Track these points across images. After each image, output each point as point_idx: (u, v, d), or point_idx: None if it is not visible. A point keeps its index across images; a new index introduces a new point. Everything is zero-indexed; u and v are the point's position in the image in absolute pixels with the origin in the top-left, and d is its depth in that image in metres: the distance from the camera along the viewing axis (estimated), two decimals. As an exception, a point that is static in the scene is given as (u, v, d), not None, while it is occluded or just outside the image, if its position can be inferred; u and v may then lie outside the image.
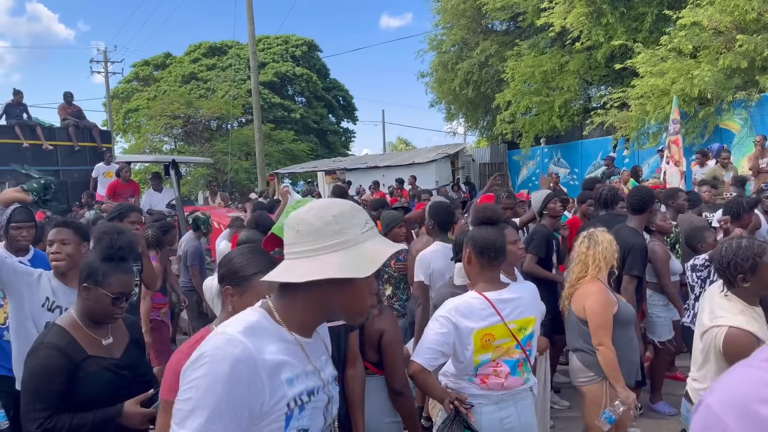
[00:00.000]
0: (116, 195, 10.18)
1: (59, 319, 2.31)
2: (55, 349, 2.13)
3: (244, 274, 1.84)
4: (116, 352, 2.31)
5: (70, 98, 13.59)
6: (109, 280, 2.20)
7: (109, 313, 2.24)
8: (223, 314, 1.89)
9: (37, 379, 2.10)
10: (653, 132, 12.95)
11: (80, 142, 12.94)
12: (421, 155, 20.63)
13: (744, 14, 10.63)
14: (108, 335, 2.30)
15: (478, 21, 18.92)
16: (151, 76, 37.37)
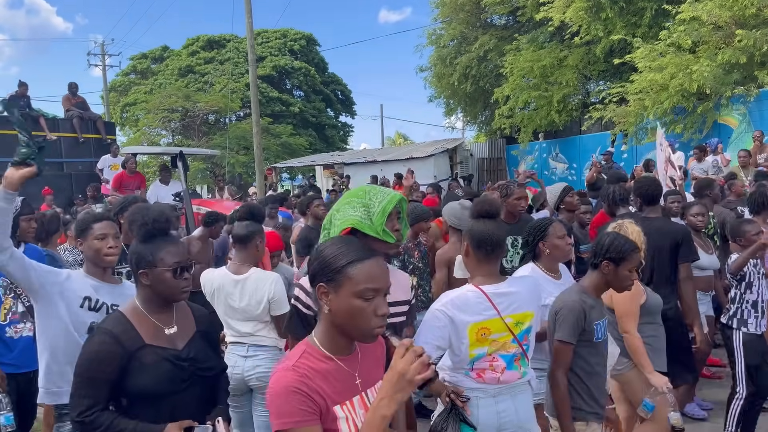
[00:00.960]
0: (122, 187, 10.08)
1: (122, 306, 2.23)
2: (108, 335, 2.06)
3: (337, 266, 1.57)
4: (179, 342, 2.18)
5: (74, 89, 13.45)
6: (160, 255, 2.11)
7: (175, 288, 2.14)
8: (321, 323, 1.64)
9: (88, 365, 2.04)
10: (651, 127, 12.93)
11: (84, 134, 12.84)
12: (420, 150, 20.61)
13: (743, 9, 10.61)
14: (172, 324, 2.19)
15: (477, 15, 18.87)
16: (149, 69, 37.25)
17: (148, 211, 2.16)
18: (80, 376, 2.05)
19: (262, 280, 3.40)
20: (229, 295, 3.45)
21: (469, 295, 2.54)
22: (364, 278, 1.53)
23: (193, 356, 2.17)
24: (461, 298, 2.54)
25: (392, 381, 1.43)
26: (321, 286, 1.58)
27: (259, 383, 3.38)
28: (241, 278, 3.43)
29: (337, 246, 1.62)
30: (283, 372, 1.54)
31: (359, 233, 2.09)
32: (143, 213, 2.15)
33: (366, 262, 1.55)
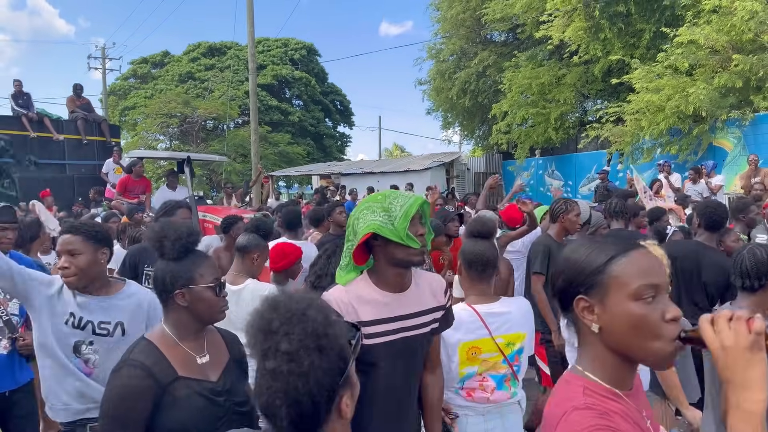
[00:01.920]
0: (127, 191, 9.85)
1: (148, 333, 1.97)
2: (139, 368, 1.78)
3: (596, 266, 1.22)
4: (212, 373, 1.92)
5: (79, 90, 13.34)
6: (199, 272, 1.89)
7: (216, 306, 1.92)
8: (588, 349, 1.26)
9: (117, 402, 1.76)
10: (647, 147, 13.04)
11: (89, 136, 12.68)
12: (417, 162, 20.68)
13: (740, 34, 10.74)
14: (204, 352, 1.93)
15: (477, 31, 19.02)
16: (149, 74, 37.33)
17: (179, 226, 1.96)
18: (109, 417, 1.78)
19: (258, 291, 3.41)
20: None
21: (462, 313, 2.56)
22: (637, 273, 1.17)
23: (229, 389, 1.93)
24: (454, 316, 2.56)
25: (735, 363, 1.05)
26: (580, 300, 1.22)
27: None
28: (236, 289, 3.44)
29: (586, 245, 1.27)
30: (578, 413, 1.15)
31: (380, 239, 1.99)
32: (174, 228, 1.94)
33: (632, 254, 1.21)
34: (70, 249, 2.43)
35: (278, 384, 1.16)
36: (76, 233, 2.46)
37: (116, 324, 2.52)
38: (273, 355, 1.17)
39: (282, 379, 1.16)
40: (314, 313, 1.22)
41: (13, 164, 10.15)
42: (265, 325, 1.20)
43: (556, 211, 4.44)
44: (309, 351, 1.17)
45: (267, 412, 1.19)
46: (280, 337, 1.17)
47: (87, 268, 2.45)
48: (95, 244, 2.49)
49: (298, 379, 1.16)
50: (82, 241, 2.45)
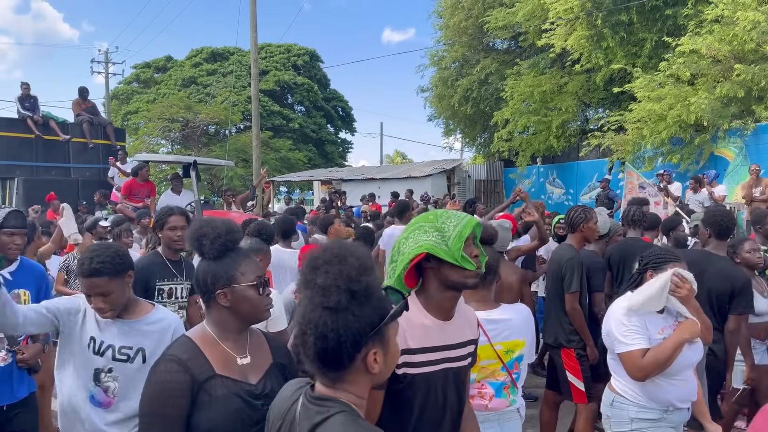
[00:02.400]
0: (132, 195, 9.74)
1: (190, 330, 1.92)
2: (176, 363, 1.74)
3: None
4: (252, 376, 1.86)
5: (85, 93, 13.27)
6: (240, 270, 1.83)
7: (260, 305, 1.86)
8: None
9: (155, 398, 1.73)
10: (649, 156, 13.04)
11: (94, 139, 12.62)
12: (418, 169, 20.68)
13: (743, 44, 10.75)
14: (245, 353, 1.88)
15: (479, 39, 19.07)
16: (152, 78, 37.41)
17: (218, 224, 1.88)
18: (149, 415, 1.74)
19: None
20: None
21: None
22: None
23: (268, 393, 1.82)
24: None
25: None
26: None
27: None
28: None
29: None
30: None
31: (433, 260, 1.90)
32: (213, 226, 1.87)
33: None
34: (101, 291, 2.33)
35: (311, 315, 1.31)
36: (101, 275, 2.32)
37: (137, 350, 2.40)
38: (310, 286, 1.34)
39: (314, 311, 1.31)
40: (353, 260, 1.35)
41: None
42: (311, 262, 1.37)
43: (575, 220, 4.30)
44: (340, 290, 1.30)
45: (300, 341, 1.33)
46: (320, 273, 1.33)
47: (119, 300, 2.39)
48: (120, 274, 2.39)
49: (327, 314, 1.29)
50: (108, 280, 2.34)
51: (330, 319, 1.28)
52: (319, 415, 1.31)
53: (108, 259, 2.36)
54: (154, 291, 3.69)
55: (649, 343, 2.71)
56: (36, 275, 3.35)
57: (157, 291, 3.72)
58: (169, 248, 3.86)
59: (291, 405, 1.43)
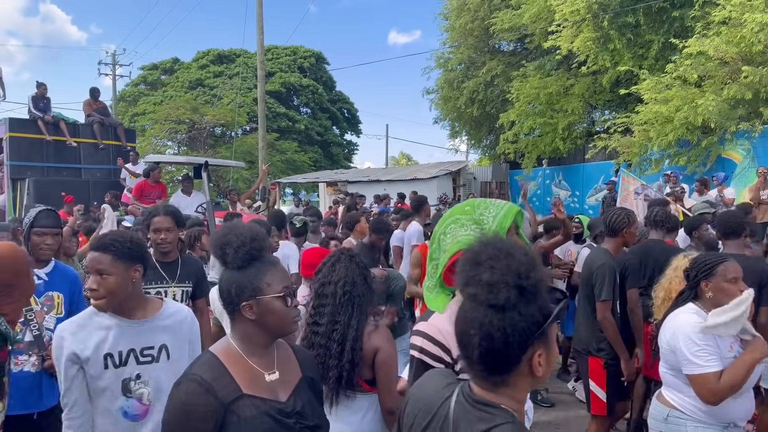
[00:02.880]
0: (143, 196, 9.70)
1: (214, 346, 1.79)
2: (198, 384, 1.62)
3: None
4: (282, 393, 1.75)
5: (96, 94, 13.13)
6: (266, 281, 1.71)
7: (287, 317, 1.73)
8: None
9: (175, 421, 1.63)
10: (655, 158, 12.99)
11: (104, 140, 12.60)
12: (423, 171, 20.68)
13: (750, 46, 10.70)
14: (273, 368, 1.76)
15: (485, 41, 19.06)
16: (159, 80, 37.59)
17: (242, 231, 1.75)
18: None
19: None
20: None
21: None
22: None
23: (300, 411, 1.75)
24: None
25: None
26: None
27: None
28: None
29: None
30: None
31: None
32: (237, 234, 1.74)
33: None
34: (99, 268, 2.18)
35: (475, 314, 1.23)
36: (105, 251, 2.19)
37: (160, 347, 2.30)
38: (475, 283, 1.24)
39: (479, 310, 1.23)
40: (520, 256, 1.26)
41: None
42: (473, 257, 1.27)
43: (617, 224, 4.05)
44: (508, 287, 1.21)
45: (461, 341, 1.28)
46: (485, 269, 1.24)
47: (117, 289, 2.19)
48: (127, 262, 2.22)
49: (494, 313, 1.21)
50: (112, 260, 2.18)
51: (496, 318, 1.21)
52: (483, 423, 1.24)
53: (120, 240, 2.24)
54: None
55: (722, 363, 2.58)
56: (70, 279, 3.22)
57: None
58: (156, 251, 3.66)
59: (443, 401, 1.35)
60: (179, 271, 3.68)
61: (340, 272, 2.55)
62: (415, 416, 1.41)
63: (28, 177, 11.28)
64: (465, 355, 1.27)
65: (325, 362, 2.46)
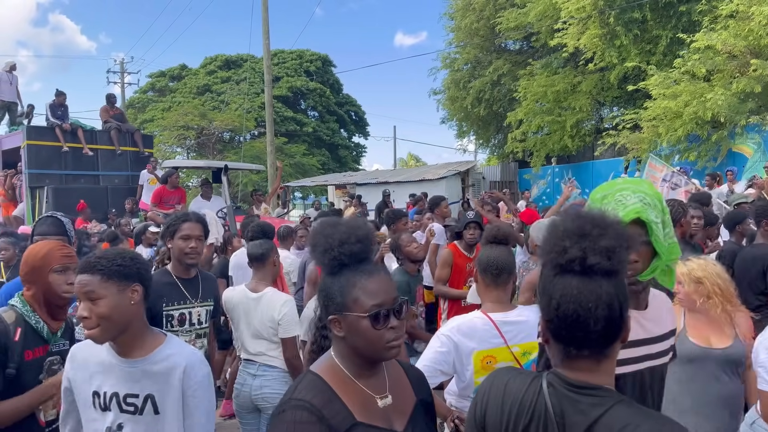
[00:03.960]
0: (162, 202, 9.61)
1: (315, 364, 1.53)
2: (308, 411, 1.38)
3: None
4: (397, 421, 1.50)
5: (113, 100, 13.13)
6: (354, 295, 1.44)
7: (377, 342, 1.43)
8: None
9: None
10: (665, 154, 12.91)
11: (122, 147, 12.53)
12: (432, 172, 20.65)
13: (758, 39, 10.62)
14: (385, 392, 1.50)
15: (491, 40, 19.04)
16: (167, 87, 37.82)
17: (334, 230, 1.50)
18: None
19: (274, 301, 3.42)
20: (246, 312, 3.49)
21: (477, 321, 2.52)
22: None
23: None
24: (468, 324, 2.52)
25: None
26: None
27: (265, 404, 3.36)
28: (256, 296, 3.46)
29: None
30: None
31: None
32: (327, 232, 1.50)
33: None
34: (87, 292, 1.82)
35: (589, 286, 1.21)
36: (92, 271, 1.83)
37: (145, 398, 1.87)
38: (593, 251, 1.20)
39: (592, 282, 1.21)
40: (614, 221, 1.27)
41: None
42: (575, 229, 1.24)
43: (674, 216, 3.93)
44: (623, 249, 1.22)
45: (577, 320, 1.21)
46: (596, 237, 1.21)
47: (111, 314, 1.82)
48: (119, 281, 1.85)
49: (606, 282, 1.21)
50: (101, 281, 1.82)
51: (610, 285, 1.20)
52: (597, 408, 1.21)
53: (109, 256, 1.88)
54: (162, 318, 3.07)
55: None
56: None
57: (165, 318, 3.09)
58: (180, 263, 3.18)
59: (535, 397, 1.30)
60: (201, 288, 3.26)
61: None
62: (508, 420, 1.33)
63: (47, 185, 11.24)
64: (582, 335, 1.22)
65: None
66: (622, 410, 1.21)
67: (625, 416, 1.20)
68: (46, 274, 2.39)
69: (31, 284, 2.40)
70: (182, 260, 3.16)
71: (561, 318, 1.24)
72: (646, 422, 1.18)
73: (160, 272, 3.21)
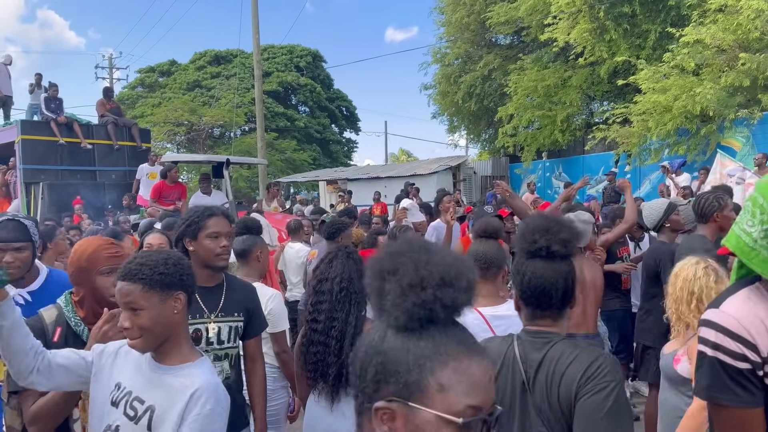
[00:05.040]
0: (161, 198, 9.32)
1: None
2: None
3: None
4: None
5: (110, 93, 12.85)
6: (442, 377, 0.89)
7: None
8: None
9: None
10: (655, 148, 12.97)
11: (119, 141, 12.21)
12: (423, 167, 20.65)
13: (747, 33, 10.67)
14: None
15: (481, 35, 19.03)
16: (157, 82, 37.55)
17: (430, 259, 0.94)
18: None
19: (261, 296, 3.39)
20: None
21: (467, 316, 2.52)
22: None
23: None
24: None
25: None
26: None
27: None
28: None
29: None
30: None
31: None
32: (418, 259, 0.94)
33: None
34: (128, 302, 1.70)
35: (553, 266, 1.70)
36: (133, 279, 1.70)
37: (147, 409, 1.73)
38: (555, 242, 1.70)
39: (556, 263, 1.71)
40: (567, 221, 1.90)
41: None
42: (542, 227, 1.74)
43: (707, 209, 3.83)
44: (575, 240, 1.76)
45: (544, 291, 1.71)
46: (556, 232, 1.72)
47: (154, 326, 1.70)
48: (162, 291, 1.71)
49: (566, 263, 1.73)
50: (143, 291, 1.69)
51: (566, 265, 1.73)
52: (546, 345, 1.69)
53: (151, 263, 1.73)
54: None
55: None
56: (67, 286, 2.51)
57: None
58: (208, 267, 2.64)
59: (506, 348, 1.76)
60: (224, 299, 2.68)
61: (336, 269, 2.55)
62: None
63: (42, 181, 10.96)
64: (547, 301, 1.71)
65: (325, 359, 2.46)
66: (563, 344, 1.68)
67: (564, 348, 1.67)
68: (92, 277, 2.21)
69: (79, 286, 2.25)
70: (213, 263, 2.63)
71: (532, 289, 1.71)
72: (578, 351, 1.65)
73: None
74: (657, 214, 4.53)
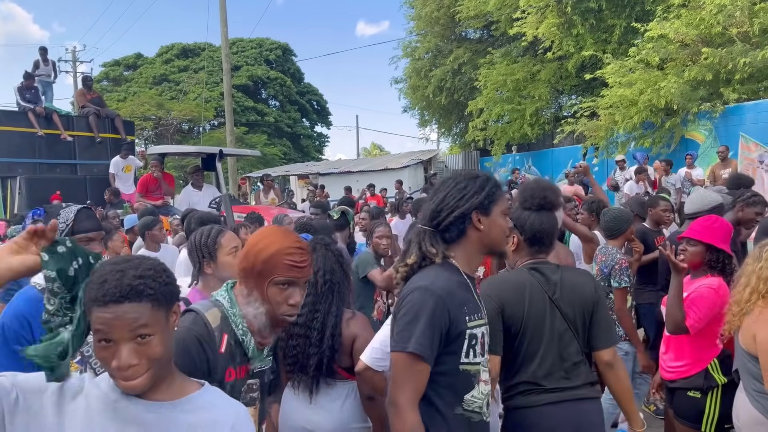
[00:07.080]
0: (149, 192, 8.86)
1: None
2: None
3: None
4: None
5: (89, 82, 12.18)
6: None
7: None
8: None
9: None
10: (621, 141, 13.21)
11: (102, 133, 11.56)
12: (395, 161, 20.72)
13: (709, 28, 10.92)
14: None
15: (451, 29, 19.11)
16: (122, 76, 36.84)
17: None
18: None
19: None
20: None
21: None
22: None
23: None
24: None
25: None
26: None
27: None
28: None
29: None
30: None
31: None
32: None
33: None
34: (136, 328, 1.22)
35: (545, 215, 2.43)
36: (139, 298, 1.22)
37: None
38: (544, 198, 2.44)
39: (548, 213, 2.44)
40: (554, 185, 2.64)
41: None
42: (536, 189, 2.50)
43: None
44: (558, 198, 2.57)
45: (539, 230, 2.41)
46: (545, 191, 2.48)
47: (164, 354, 1.27)
48: (168, 306, 1.30)
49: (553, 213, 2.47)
50: (152, 310, 1.24)
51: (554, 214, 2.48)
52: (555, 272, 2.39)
53: (150, 273, 1.26)
54: None
55: None
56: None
57: None
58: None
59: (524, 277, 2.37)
60: None
61: (318, 262, 2.55)
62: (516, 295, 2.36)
63: (19, 175, 10.35)
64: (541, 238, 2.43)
65: (305, 351, 2.46)
66: (565, 269, 2.44)
67: (569, 271, 2.46)
68: (264, 284, 1.76)
69: (250, 288, 1.79)
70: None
71: (532, 231, 2.41)
72: (581, 272, 2.52)
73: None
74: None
